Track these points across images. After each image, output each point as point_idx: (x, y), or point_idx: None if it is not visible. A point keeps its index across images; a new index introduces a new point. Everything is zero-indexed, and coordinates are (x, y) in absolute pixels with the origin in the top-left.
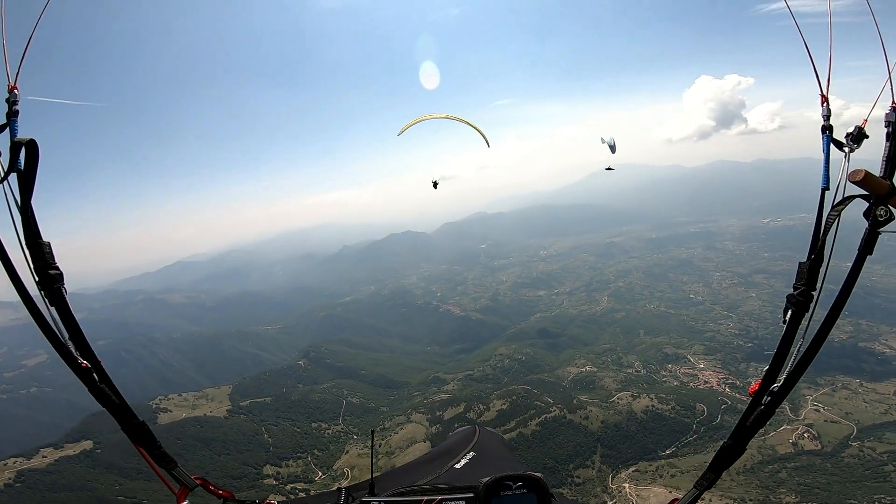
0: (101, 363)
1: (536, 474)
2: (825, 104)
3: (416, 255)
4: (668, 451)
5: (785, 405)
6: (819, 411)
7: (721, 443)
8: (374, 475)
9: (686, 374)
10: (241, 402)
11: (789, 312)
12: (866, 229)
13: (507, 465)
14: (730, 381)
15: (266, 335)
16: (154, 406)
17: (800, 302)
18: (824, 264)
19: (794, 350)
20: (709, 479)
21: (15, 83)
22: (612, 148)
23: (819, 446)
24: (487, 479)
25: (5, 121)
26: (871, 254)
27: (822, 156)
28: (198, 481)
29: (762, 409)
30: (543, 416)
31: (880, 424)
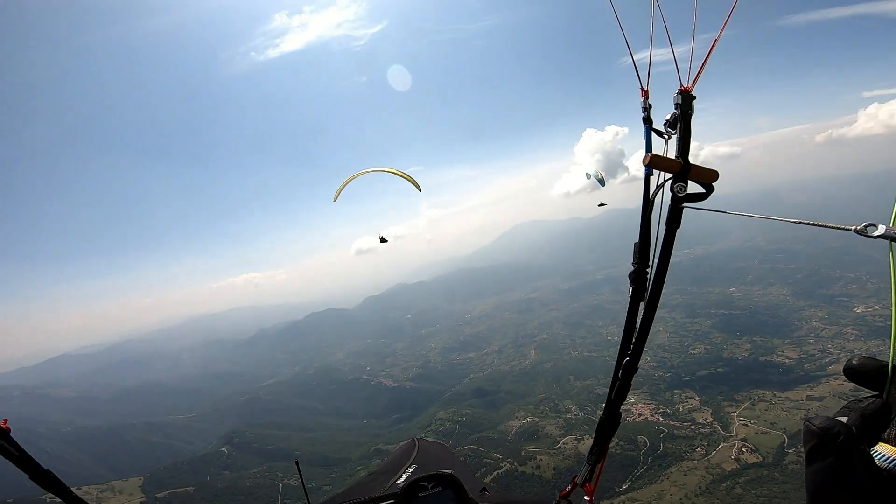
0: (6, 423)
1: (447, 471)
2: (645, 97)
3: (339, 331)
4: (624, 487)
5: (716, 424)
6: (747, 425)
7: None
8: (321, 502)
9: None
10: (158, 493)
11: (630, 289)
12: (669, 204)
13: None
14: (661, 410)
15: (177, 424)
16: (49, 501)
17: (637, 278)
18: (653, 241)
19: (637, 323)
20: (596, 454)
21: None
22: (602, 182)
23: (760, 458)
24: (403, 482)
25: None
26: (678, 226)
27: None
28: None
29: (620, 382)
30: (495, 473)
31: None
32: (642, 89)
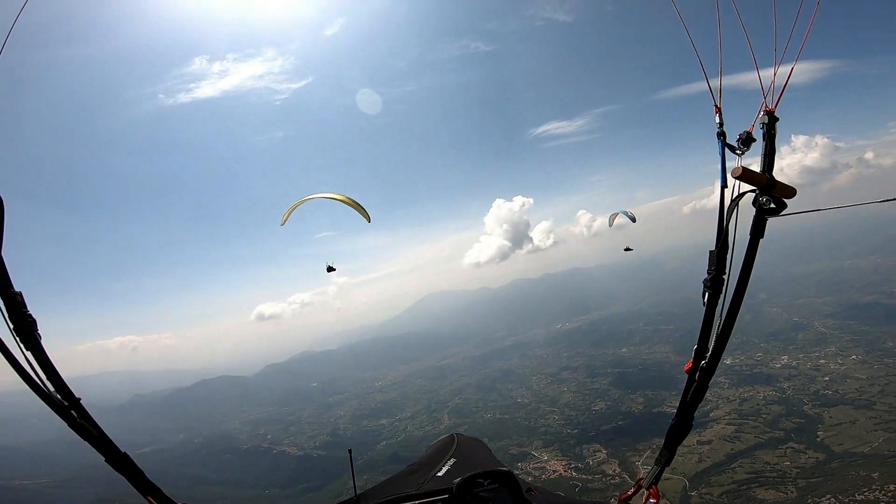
0: (81, 400)
1: (505, 468)
2: (718, 114)
3: (235, 399)
4: None
5: (624, 474)
6: None
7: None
8: (358, 493)
9: (536, 468)
10: None
11: (706, 295)
12: (754, 216)
13: (490, 467)
14: (573, 465)
15: (29, 489)
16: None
17: (713, 284)
18: (730, 251)
19: (715, 326)
20: (666, 456)
21: None
22: (633, 219)
23: (668, 502)
24: (458, 479)
25: None
26: (762, 237)
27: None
28: None
29: (697, 384)
30: None
31: (702, 471)
32: (716, 107)
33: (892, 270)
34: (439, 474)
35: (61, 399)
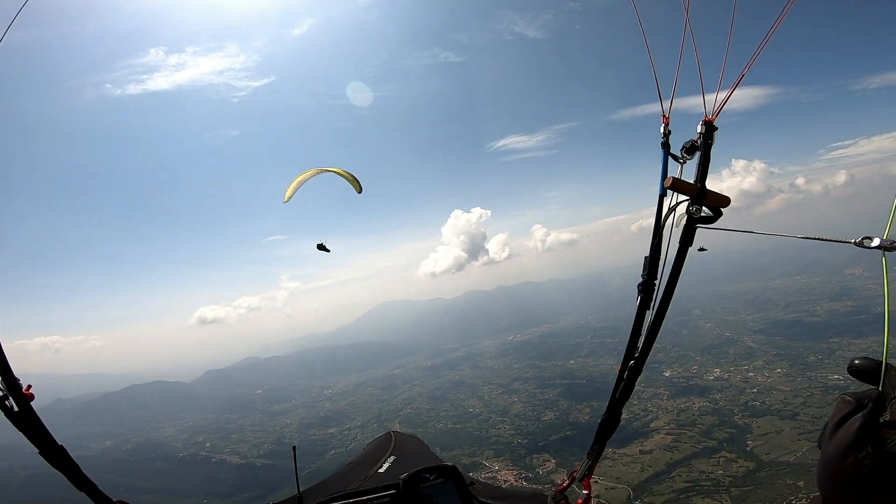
0: (21, 388)
1: (450, 464)
2: (665, 124)
3: (170, 405)
4: None
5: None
6: (597, 482)
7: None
8: (300, 490)
9: (488, 478)
10: None
11: (638, 298)
12: (684, 224)
13: (430, 463)
14: (523, 475)
15: None
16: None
17: (644, 289)
18: (662, 258)
19: (644, 329)
20: (597, 450)
21: None
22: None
23: None
24: (405, 474)
25: None
26: (690, 244)
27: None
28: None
29: (625, 382)
30: None
31: (644, 481)
32: (664, 116)
33: (814, 291)
34: (380, 471)
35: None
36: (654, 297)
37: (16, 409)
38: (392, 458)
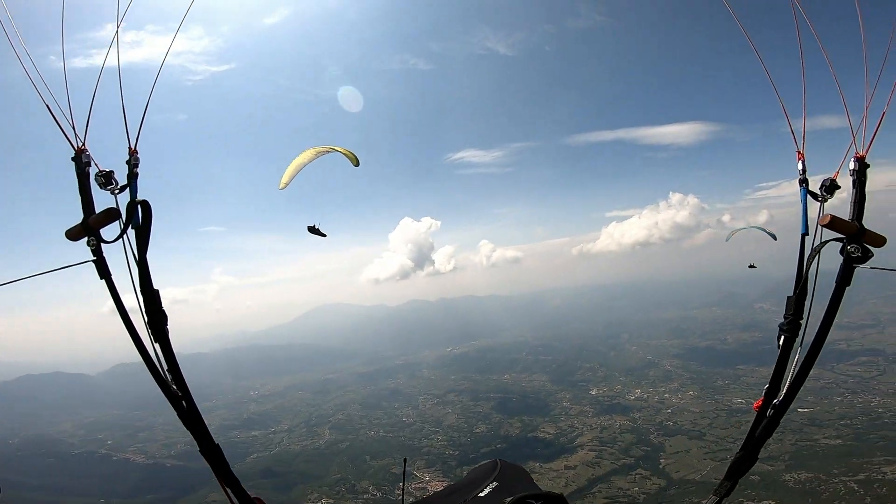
0: (191, 393)
1: (556, 492)
2: (801, 160)
3: (69, 399)
4: None
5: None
6: None
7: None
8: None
9: (417, 489)
10: None
11: (782, 338)
12: (841, 264)
13: (533, 491)
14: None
15: None
16: None
17: (790, 328)
18: (809, 297)
19: (790, 368)
20: (726, 487)
21: (135, 147)
22: (773, 236)
23: None
24: (510, 498)
25: (126, 182)
26: (848, 285)
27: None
28: (256, 500)
29: (767, 420)
30: None
31: (567, 496)
32: (798, 152)
33: (727, 321)
34: (481, 495)
35: (176, 390)
36: (801, 336)
37: (186, 409)
38: (494, 484)
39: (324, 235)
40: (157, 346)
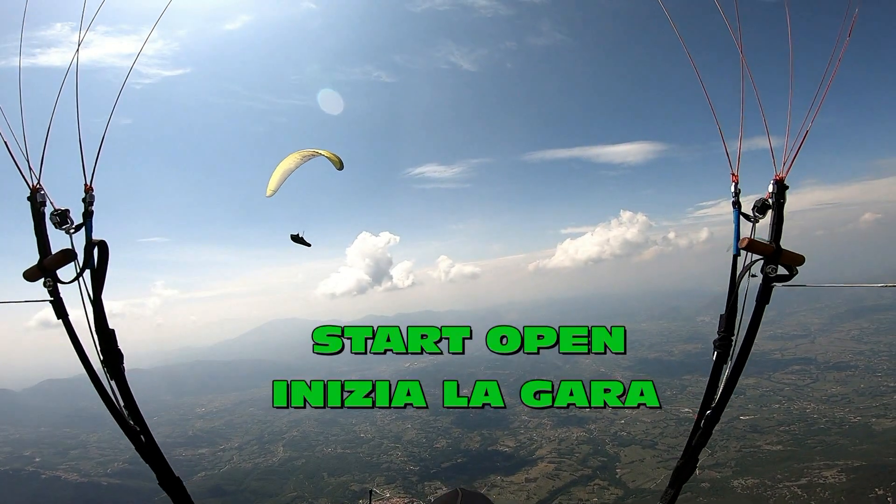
0: (149, 428)
1: None
2: (735, 182)
3: None
4: None
5: None
6: None
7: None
8: None
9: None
10: None
11: (715, 354)
12: (760, 284)
13: None
14: (413, 502)
15: None
16: None
17: (722, 344)
18: (738, 315)
19: (720, 383)
20: (671, 494)
21: (90, 183)
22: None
23: None
24: None
25: (82, 221)
26: (767, 303)
27: None
28: None
29: (701, 430)
30: None
31: None
32: (732, 174)
33: (673, 334)
34: None
35: (134, 424)
36: (731, 353)
37: (144, 443)
38: None
39: (308, 245)
40: (112, 382)
